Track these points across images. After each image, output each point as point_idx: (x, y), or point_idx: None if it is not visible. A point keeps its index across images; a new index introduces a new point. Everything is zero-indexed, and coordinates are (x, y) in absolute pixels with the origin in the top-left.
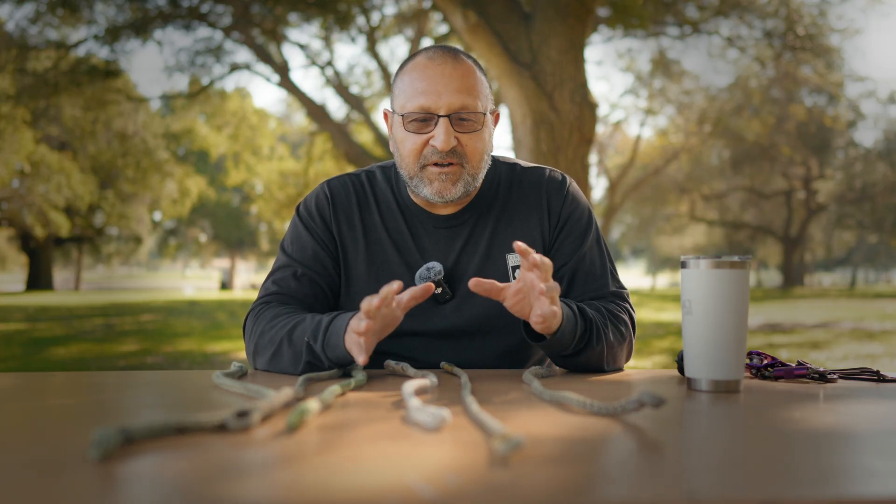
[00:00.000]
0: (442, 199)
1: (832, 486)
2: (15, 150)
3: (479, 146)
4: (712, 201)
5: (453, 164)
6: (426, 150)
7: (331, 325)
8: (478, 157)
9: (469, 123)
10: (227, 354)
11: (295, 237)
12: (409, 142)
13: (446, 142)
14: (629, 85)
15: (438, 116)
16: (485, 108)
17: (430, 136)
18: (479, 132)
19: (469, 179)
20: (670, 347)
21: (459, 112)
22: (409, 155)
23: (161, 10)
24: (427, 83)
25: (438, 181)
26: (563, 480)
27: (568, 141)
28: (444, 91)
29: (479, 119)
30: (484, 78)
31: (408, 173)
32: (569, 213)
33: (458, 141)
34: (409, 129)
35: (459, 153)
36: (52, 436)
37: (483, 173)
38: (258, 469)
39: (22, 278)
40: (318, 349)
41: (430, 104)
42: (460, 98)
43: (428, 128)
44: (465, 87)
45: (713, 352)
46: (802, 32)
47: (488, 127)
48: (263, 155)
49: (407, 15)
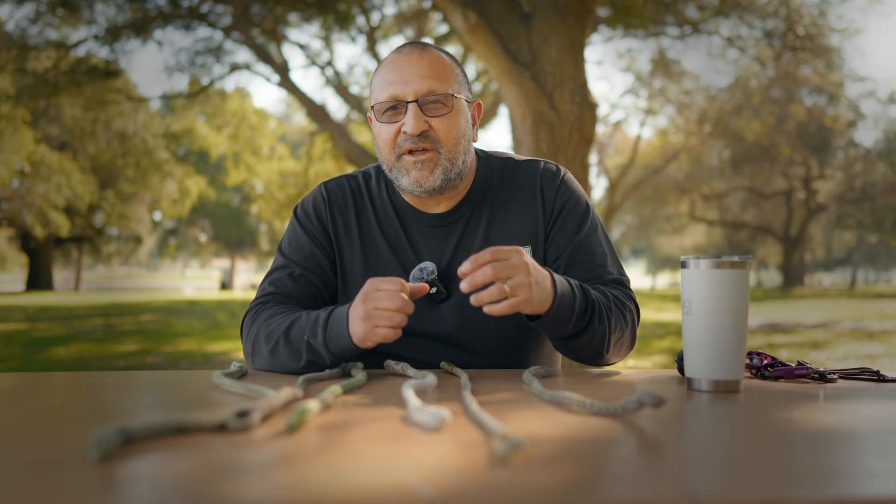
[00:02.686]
0: (422, 189)
1: (832, 486)
2: (15, 150)
3: (454, 130)
4: (712, 201)
5: (428, 151)
6: (399, 137)
7: (330, 318)
8: (453, 141)
9: (438, 107)
10: (227, 354)
11: (292, 238)
12: (384, 132)
13: (416, 125)
14: (629, 85)
15: (407, 103)
16: (456, 92)
17: (401, 123)
18: (450, 115)
19: (447, 165)
20: (670, 347)
21: (427, 96)
22: (385, 145)
23: (161, 10)
24: (395, 74)
25: (415, 170)
26: (563, 480)
27: (568, 141)
28: (411, 78)
29: (449, 101)
30: (457, 68)
31: (387, 165)
32: (563, 203)
33: (430, 125)
34: (382, 120)
35: (433, 138)
36: (52, 436)
37: (464, 160)
38: (258, 469)
39: (22, 278)
40: (319, 344)
41: (398, 92)
42: (427, 83)
43: (399, 116)
44: (431, 73)
45: (713, 352)
46: (802, 32)
47: (463, 112)
48: (263, 155)
49: (407, 15)
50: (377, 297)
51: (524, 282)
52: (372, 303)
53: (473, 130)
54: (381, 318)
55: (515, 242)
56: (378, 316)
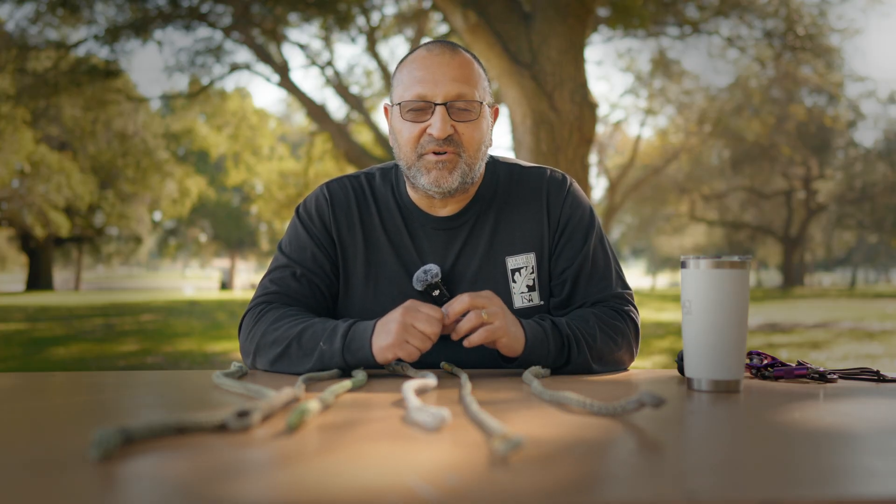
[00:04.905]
0: (439, 189)
1: (832, 486)
2: (15, 150)
3: (477, 136)
4: (712, 201)
5: (450, 153)
6: (423, 138)
7: (351, 329)
8: (475, 147)
9: (466, 112)
10: (227, 354)
11: (293, 238)
12: (407, 130)
13: (442, 129)
14: (629, 85)
15: (435, 105)
16: (482, 98)
17: (427, 124)
18: (476, 122)
19: (466, 170)
20: (670, 347)
21: (456, 100)
22: (407, 143)
23: (161, 10)
24: (424, 73)
25: (436, 170)
26: (563, 480)
27: (568, 141)
28: (442, 80)
29: (476, 108)
30: (482, 72)
31: (406, 163)
32: (569, 215)
33: (455, 129)
34: (406, 119)
35: (456, 142)
36: (52, 436)
37: (480, 166)
38: (258, 469)
39: (22, 278)
40: (335, 351)
41: (427, 92)
42: (457, 87)
43: (425, 116)
44: (462, 77)
45: (713, 352)
46: (802, 32)
47: (486, 118)
48: (263, 155)
49: (407, 15)
50: (417, 316)
51: (499, 312)
52: (411, 319)
53: (490, 136)
54: (414, 335)
55: (519, 247)
56: (413, 333)
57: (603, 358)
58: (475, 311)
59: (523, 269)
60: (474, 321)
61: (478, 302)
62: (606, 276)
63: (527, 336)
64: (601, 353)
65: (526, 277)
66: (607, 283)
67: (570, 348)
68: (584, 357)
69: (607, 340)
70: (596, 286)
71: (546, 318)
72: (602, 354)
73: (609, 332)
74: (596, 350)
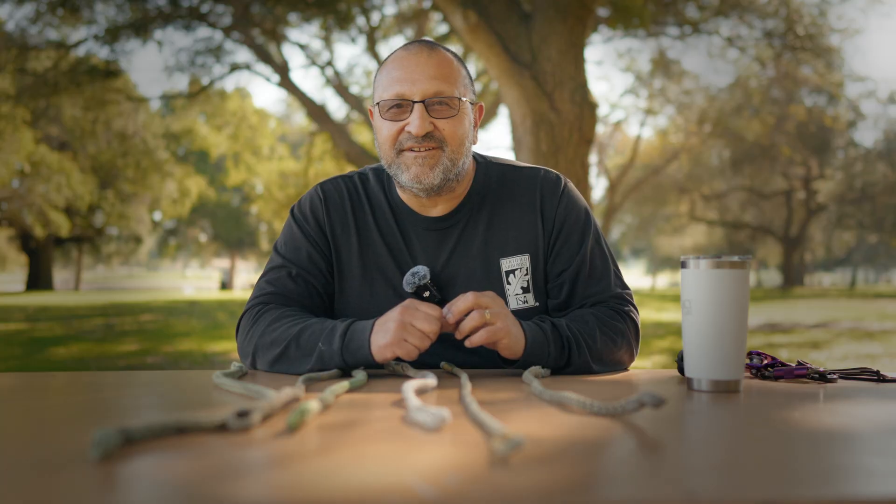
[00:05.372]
0: (421, 186)
1: (832, 486)
2: (15, 150)
3: (459, 131)
4: (712, 201)
5: (433, 148)
6: (402, 135)
7: (350, 329)
8: (457, 142)
9: (445, 108)
10: (227, 354)
11: (289, 239)
12: (386, 129)
13: (421, 126)
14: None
15: (413, 102)
16: (462, 95)
17: (405, 122)
18: (456, 118)
19: (448, 164)
20: (670, 347)
21: (434, 97)
22: (386, 141)
23: (161, 10)
24: (402, 72)
25: (416, 165)
26: (563, 480)
27: (568, 141)
28: (419, 78)
29: (455, 104)
30: (464, 70)
31: (386, 161)
32: (565, 216)
33: (435, 126)
34: (386, 118)
35: (438, 137)
36: (52, 436)
37: (464, 162)
38: (258, 469)
39: (22, 278)
40: (334, 351)
41: (405, 91)
42: (435, 84)
43: (404, 115)
44: (440, 74)
45: (713, 352)
46: (802, 32)
47: (467, 115)
48: (263, 155)
49: (407, 15)
50: (416, 315)
51: (502, 313)
52: (409, 317)
53: (474, 133)
54: (412, 334)
55: (513, 248)
56: (411, 331)
57: (603, 358)
58: (478, 311)
59: (518, 271)
60: (477, 320)
61: (482, 301)
62: (605, 276)
63: (527, 338)
64: (601, 353)
65: (520, 279)
66: (606, 283)
67: (570, 350)
68: (584, 358)
69: (607, 341)
70: (594, 287)
71: (546, 319)
72: (602, 355)
73: (609, 332)
74: (596, 351)
